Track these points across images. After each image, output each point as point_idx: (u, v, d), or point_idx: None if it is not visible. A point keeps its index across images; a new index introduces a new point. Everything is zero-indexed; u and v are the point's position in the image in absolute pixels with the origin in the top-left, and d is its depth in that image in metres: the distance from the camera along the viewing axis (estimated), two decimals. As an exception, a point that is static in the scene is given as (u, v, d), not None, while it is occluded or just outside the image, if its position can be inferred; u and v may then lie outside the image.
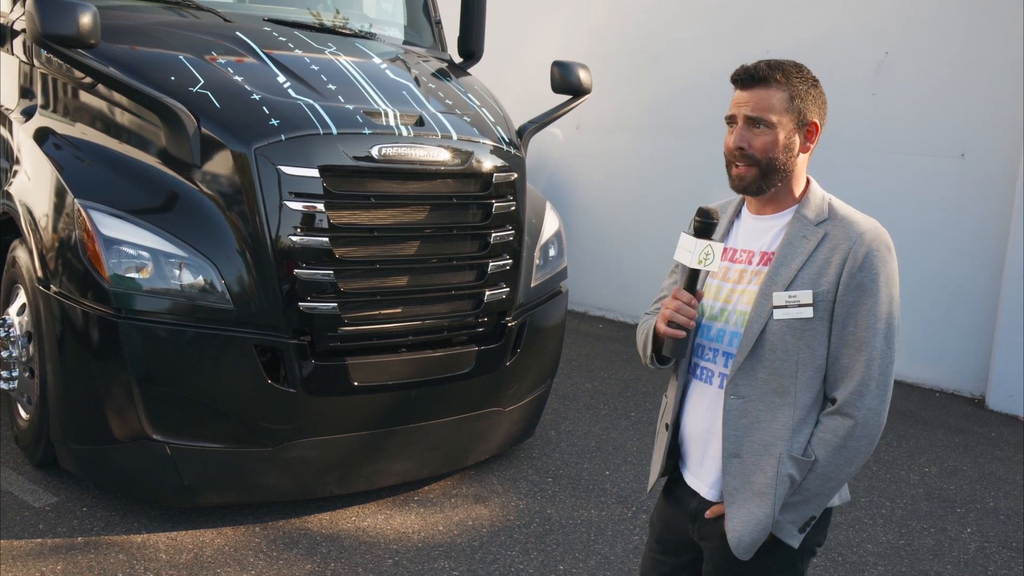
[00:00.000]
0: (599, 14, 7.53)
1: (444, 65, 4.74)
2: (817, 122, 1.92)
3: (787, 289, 1.88)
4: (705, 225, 1.91)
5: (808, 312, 1.86)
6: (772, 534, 1.88)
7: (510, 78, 7.54)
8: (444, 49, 5.17)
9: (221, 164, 3.38)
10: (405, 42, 4.99)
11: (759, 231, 2.01)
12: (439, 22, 5.21)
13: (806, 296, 1.86)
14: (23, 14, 3.98)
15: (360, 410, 3.57)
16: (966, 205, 5.87)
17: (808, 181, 2.00)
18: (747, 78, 1.92)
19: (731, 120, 1.96)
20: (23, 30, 4.00)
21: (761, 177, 1.93)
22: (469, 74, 4.78)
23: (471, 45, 5.26)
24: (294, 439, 3.44)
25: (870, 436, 1.85)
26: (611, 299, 7.58)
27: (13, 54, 4.13)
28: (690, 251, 1.90)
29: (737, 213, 2.08)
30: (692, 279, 1.93)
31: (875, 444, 1.87)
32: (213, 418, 3.35)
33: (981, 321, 5.84)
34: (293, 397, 3.39)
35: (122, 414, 3.35)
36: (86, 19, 3.24)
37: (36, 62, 3.98)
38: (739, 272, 1.99)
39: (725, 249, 2.00)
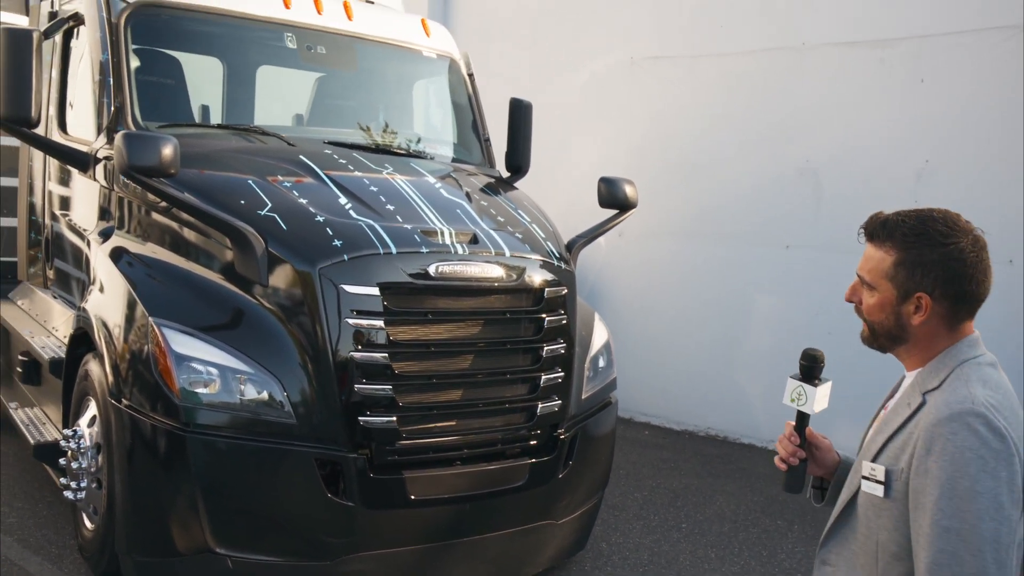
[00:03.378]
0: (640, 128, 7.77)
1: (494, 181, 4.94)
2: (926, 295, 1.70)
3: (874, 460, 1.71)
4: (805, 367, 1.97)
5: (879, 490, 1.66)
6: None
7: (551, 192, 7.74)
8: (492, 165, 5.39)
9: (287, 283, 3.54)
10: (455, 159, 5.22)
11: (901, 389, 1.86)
12: (487, 139, 5.44)
13: (880, 472, 1.68)
14: (106, 144, 4.27)
15: (416, 524, 3.61)
16: (1017, 311, 5.85)
17: (951, 344, 1.75)
18: (865, 230, 1.80)
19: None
20: (106, 158, 4.27)
21: (872, 337, 1.81)
22: (518, 189, 4.97)
23: (518, 160, 5.48)
24: (352, 553, 3.48)
25: None
26: (655, 404, 7.58)
27: (95, 179, 4.39)
28: (787, 391, 2.00)
29: None
30: (798, 419, 1.99)
31: None
32: (274, 532, 3.42)
33: None
34: (351, 511, 3.45)
35: (187, 527, 3.43)
36: (168, 151, 3.48)
37: (115, 187, 4.24)
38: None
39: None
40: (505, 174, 5.39)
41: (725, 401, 7.26)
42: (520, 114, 5.48)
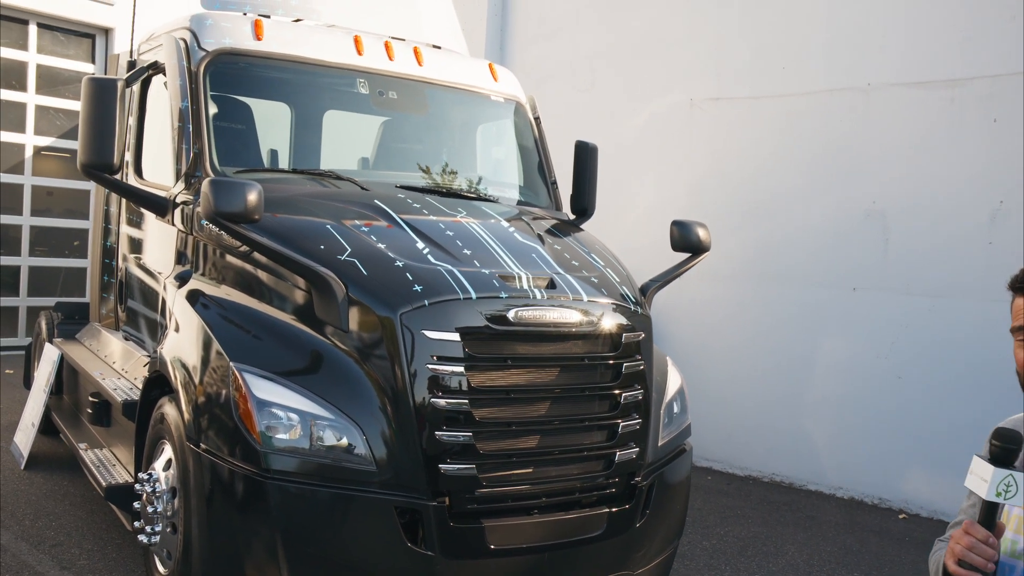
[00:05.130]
0: (700, 169, 7.73)
1: (563, 224, 4.92)
2: None
3: None
4: (1004, 451, 1.61)
5: None
6: None
7: (610, 233, 7.70)
8: (559, 208, 5.38)
9: (367, 328, 3.53)
10: (522, 202, 5.22)
11: None
12: (554, 182, 5.44)
13: None
14: (184, 189, 4.33)
15: (495, 574, 3.54)
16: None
17: None
18: (1011, 286, 1.72)
19: (1016, 331, 1.71)
20: (184, 203, 4.34)
21: None
22: (587, 232, 4.94)
23: (584, 203, 5.48)
24: (430, 603, 3.42)
25: None
26: (718, 449, 7.44)
27: (173, 224, 4.45)
28: (984, 480, 1.59)
29: None
30: (989, 512, 1.63)
31: None
32: (353, 580, 3.37)
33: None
34: (431, 560, 3.39)
35: (265, 572, 3.40)
36: (253, 198, 3.51)
37: (194, 231, 4.29)
38: None
39: None
40: (571, 216, 5.37)
41: (790, 446, 7.11)
42: (586, 156, 5.49)
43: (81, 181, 11.28)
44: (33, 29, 10.77)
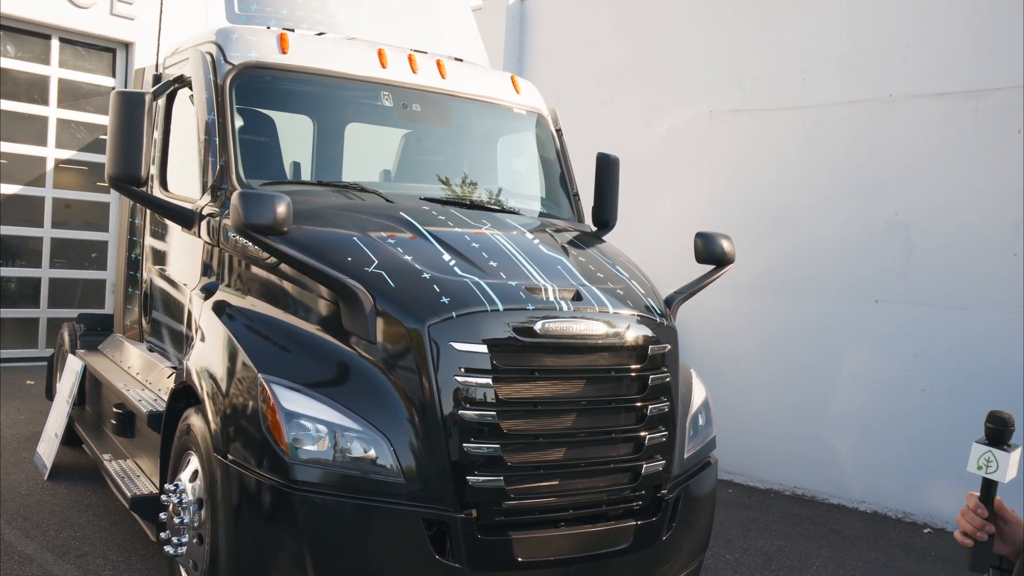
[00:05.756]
0: (719, 181, 7.72)
1: (587, 236, 4.92)
2: None
3: None
4: (993, 431, 1.87)
5: None
6: None
7: (629, 245, 7.70)
8: (581, 219, 5.38)
9: (395, 340, 3.53)
10: (544, 213, 5.22)
11: None
12: (576, 194, 5.44)
13: None
14: (211, 201, 4.36)
15: (522, 587, 3.53)
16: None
17: None
18: None
19: None
20: (210, 215, 4.36)
21: None
22: (610, 243, 4.94)
23: (605, 215, 5.48)
24: (458, 615, 3.40)
25: None
26: (739, 462, 7.40)
27: (199, 236, 4.48)
28: (973, 457, 1.89)
29: None
30: (985, 487, 1.89)
31: None
32: (381, 592, 3.36)
33: None
34: (458, 573, 3.38)
35: (292, 584, 3.40)
36: (282, 210, 3.53)
37: (220, 243, 4.31)
38: None
39: None
40: (593, 228, 5.37)
41: (812, 459, 7.06)
42: (607, 168, 5.49)
43: (99, 194, 11.38)
44: (55, 44, 10.89)
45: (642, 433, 3.81)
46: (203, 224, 4.44)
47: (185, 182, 4.78)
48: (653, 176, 8.11)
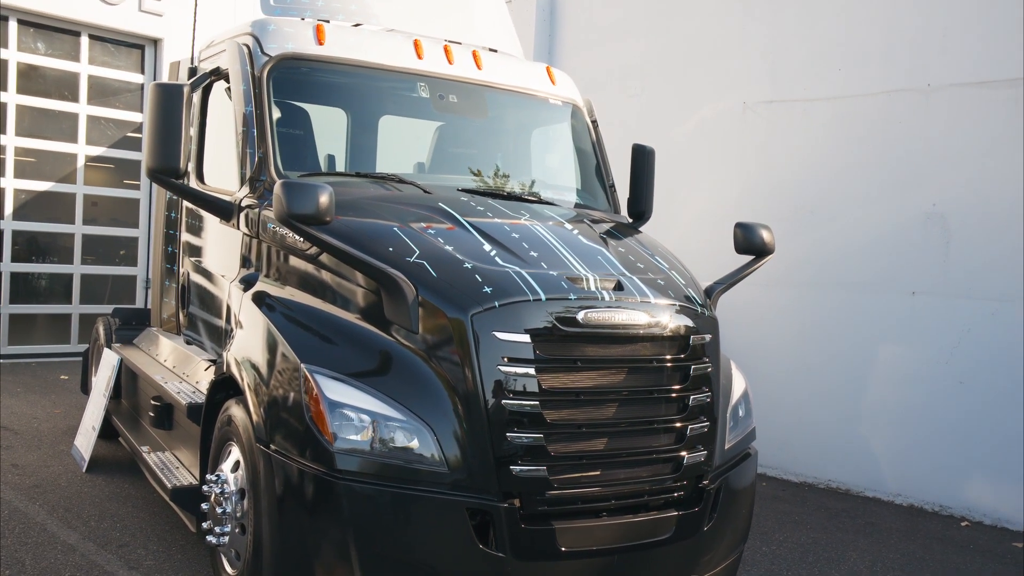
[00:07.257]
0: (753, 173, 7.66)
1: (624, 226, 4.89)
2: None
3: None
4: None
5: None
6: None
7: (662, 238, 7.66)
8: (617, 211, 5.35)
9: (437, 330, 3.52)
10: (580, 204, 5.20)
11: None
12: (612, 185, 5.42)
13: None
14: (249, 193, 4.37)
15: (565, 576, 3.52)
16: None
17: None
18: None
19: None
20: (248, 207, 4.37)
21: None
22: (648, 234, 4.91)
23: (641, 206, 5.45)
24: (501, 605, 3.40)
25: None
26: (773, 456, 7.34)
27: (238, 228, 4.49)
28: None
29: None
30: None
31: None
32: (424, 582, 3.36)
33: None
34: (502, 562, 3.37)
35: (334, 573, 3.40)
36: (324, 199, 3.53)
37: (260, 234, 4.32)
38: None
39: None
40: (629, 220, 5.34)
41: (847, 453, 7.00)
42: (643, 160, 5.46)
43: (127, 190, 11.47)
44: (85, 41, 10.98)
45: (684, 423, 3.79)
46: (242, 216, 4.45)
47: (222, 174, 4.80)
48: (686, 168, 8.06)
